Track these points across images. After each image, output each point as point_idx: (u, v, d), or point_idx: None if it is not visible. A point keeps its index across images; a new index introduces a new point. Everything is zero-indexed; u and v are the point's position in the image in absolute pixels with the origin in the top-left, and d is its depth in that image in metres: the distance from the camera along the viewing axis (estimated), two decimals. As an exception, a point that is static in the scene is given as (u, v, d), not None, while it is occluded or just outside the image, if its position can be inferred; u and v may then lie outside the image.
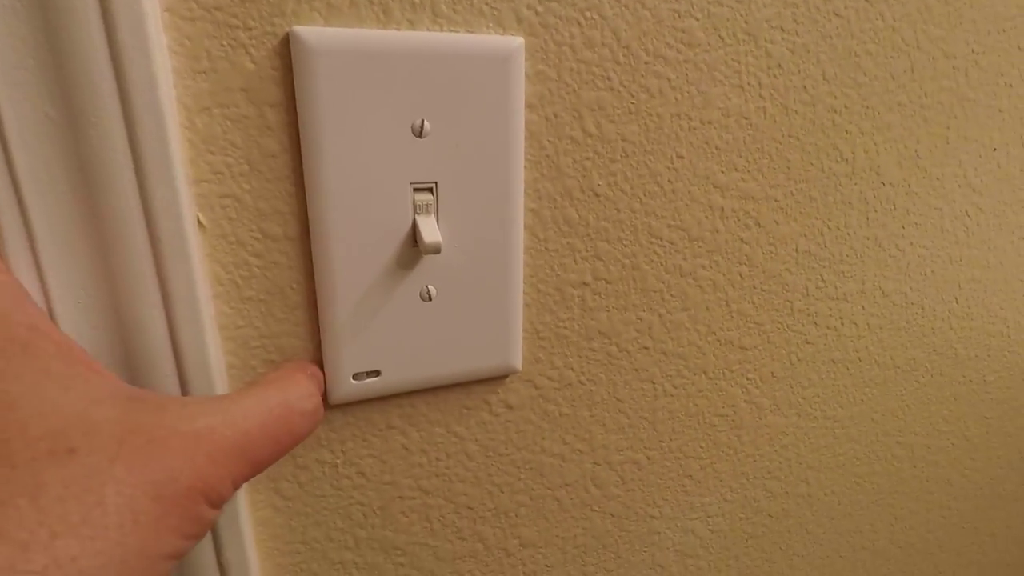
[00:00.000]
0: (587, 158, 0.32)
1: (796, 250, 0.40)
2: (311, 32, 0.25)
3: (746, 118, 0.35)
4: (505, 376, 0.35)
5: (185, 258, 0.25)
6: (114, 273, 0.24)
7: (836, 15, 0.36)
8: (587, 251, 0.34)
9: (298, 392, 0.25)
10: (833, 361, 0.46)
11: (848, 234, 0.42)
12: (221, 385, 0.28)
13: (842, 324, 0.45)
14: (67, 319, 0.24)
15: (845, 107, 0.38)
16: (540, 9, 0.29)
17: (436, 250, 0.28)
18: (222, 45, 0.24)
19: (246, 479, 0.22)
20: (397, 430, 0.34)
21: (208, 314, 0.27)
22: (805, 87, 0.36)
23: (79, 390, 0.20)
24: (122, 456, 0.19)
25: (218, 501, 0.21)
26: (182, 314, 0.26)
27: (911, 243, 0.45)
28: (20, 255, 0.23)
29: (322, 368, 0.30)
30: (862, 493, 0.53)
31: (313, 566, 0.35)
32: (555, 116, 0.31)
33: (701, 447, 0.43)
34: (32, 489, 0.18)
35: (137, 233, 0.24)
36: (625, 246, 0.35)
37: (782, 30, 0.34)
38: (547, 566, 0.41)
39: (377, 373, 0.31)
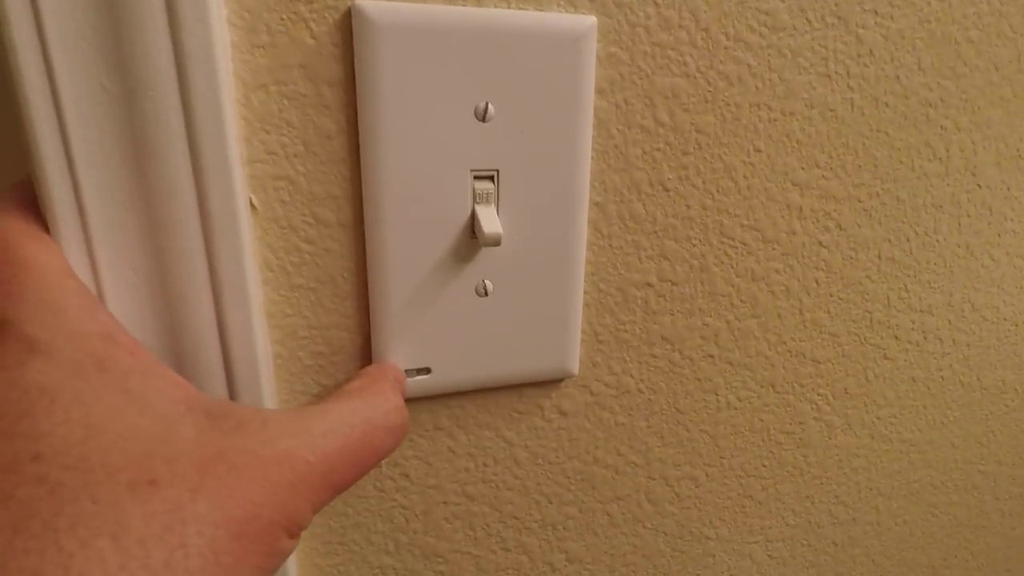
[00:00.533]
0: (658, 149, 0.30)
1: (879, 256, 0.37)
2: (374, 6, 0.24)
3: (831, 110, 0.33)
4: (560, 380, 0.33)
5: (236, 240, 0.24)
6: (163, 253, 0.23)
7: None
8: (653, 250, 0.32)
9: (383, 406, 0.24)
10: (913, 379, 0.42)
11: (937, 240, 0.38)
12: (267, 376, 0.27)
13: (925, 339, 0.41)
14: (115, 300, 0.23)
15: (941, 100, 0.35)
16: (615, -13, 0.27)
17: (496, 242, 0.26)
18: (282, 19, 0.23)
19: (326, 504, 0.21)
20: (444, 432, 0.32)
21: (257, 300, 0.26)
22: (898, 77, 0.33)
23: (157, 408, 0.19)
24: (204, 488, 0.18)
25: (297, 531, 0.20)
26: (230, 299, 0.25)
27: (1007, 253, 0.41)
28: (71, 231, 0.22)
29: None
30: (937, 525, 0.48)
31: (351, 569, 0.33)
32: (626, 103, 0.29)
33: (764, 466, 0.40)
34: (114, 528, 0.16)
35: (188, 211, 0.23)
36: (694, 246, 0.33)
37: (876, 13, 0.31)
38: (595, 583, 0.39)
39: (428, 371, 0.29)
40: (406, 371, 0.29)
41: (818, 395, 0.40)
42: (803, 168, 0.33)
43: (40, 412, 0.17)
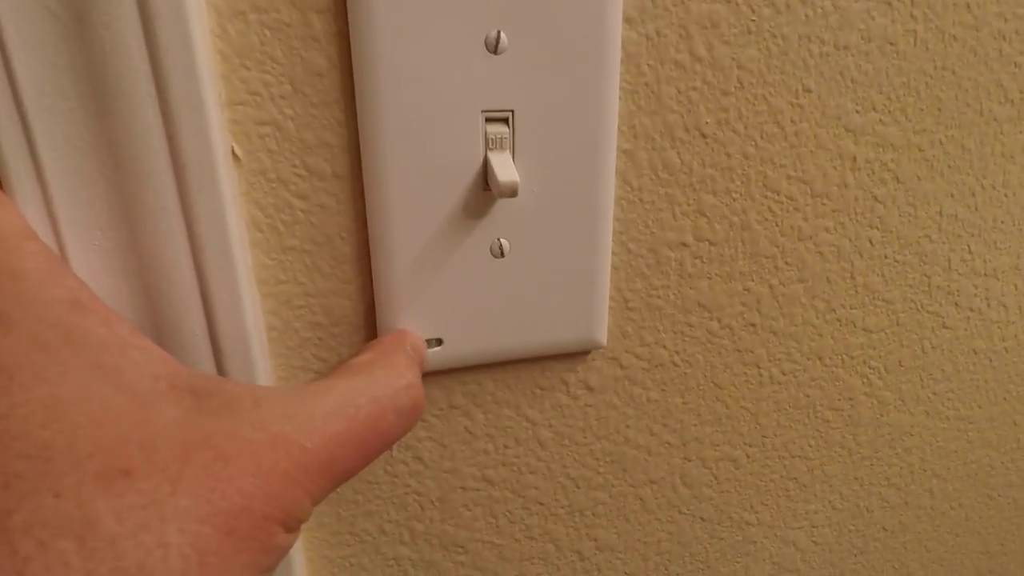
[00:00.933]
0: (694, 88, 0.27)
1: (940, 213, 0.33)
2: (366, -85, 0.20)
3: (891, 43, 0.29)
4: (586, 352, 0.30)
5: (216, 194, 0.21)
6: (133, 210, 0.21)
7: (1013, -87, 0.28)
8: (689, 205, 0.28)
9: (394, 383, 0.21)
10: (974, 351, 0.38)
11: (1006, 196, 0.34)
12: (260, 351, 0.24)
13: (988, 306, 0.37)
14: (81, 263, 0.21)
15: (1016, 33, 0.31)
16: None
17: (512, 192, 0.23)
18: (259, -69, 0.20)
19: (327, 494, 0.18)
20: (460, 410, 0.29)
21: (244, 263, 0.23)
22: (968, 5, 0.29)
23: (134, 386, 0.17)
24: (186, 478, 0.15)
25: (295, 525, 0.17)
26: (213, 262, 0.22)
27: (1083, 208, 0.37)
28: (25, 186, 0.19)
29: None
30: (995, 509, 0.45)
31: (364, 560, 0.31)
32: (658, 34, 0.25)
33: (810, 445, 0.37)
34: (79, 526, 0.14)
35: (160, 161, 0.20)
36: (734, 200, 0.29)
37: (945, -71, 0.27)
38: (626, 573, 0.36)
39: (439, 342, 0.26)
40: (415, 343, 0.26)
41: (869, 368, 0.36)
42: (858, 111, 0.29)
43: None
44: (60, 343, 0.16)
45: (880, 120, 0.30)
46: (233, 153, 0.22)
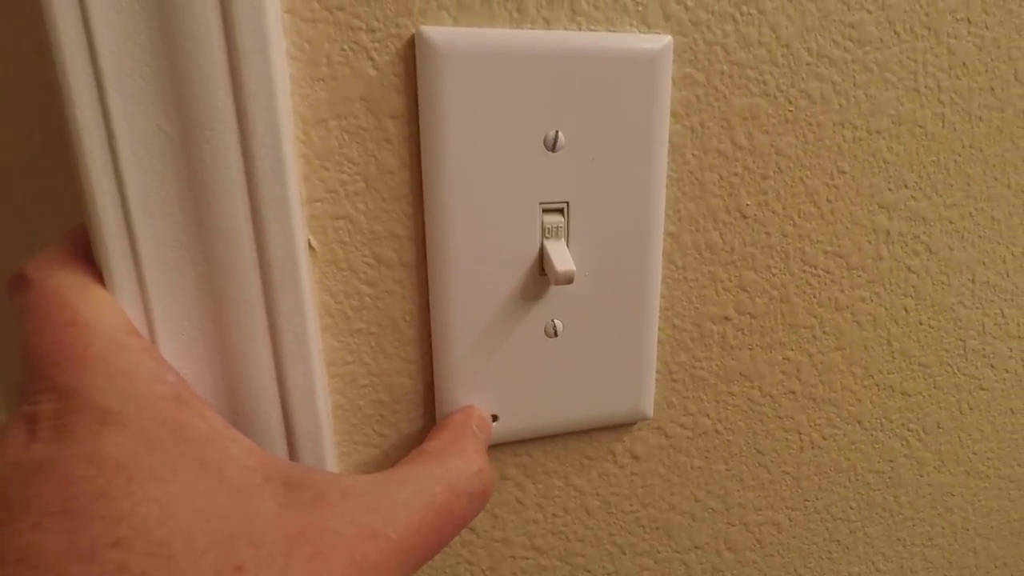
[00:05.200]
0: (735, 174, 0.28)
1: (972, 280, 0.34)
2: (439, 32, 0.22)
3: (920, 126, 0.30)
4: (633, 423, 0.31)
5: (296, 287, 0.22)
6: (220, 302, 0.22)
7: (1030, 3, 0.30)
8: (730, 281, 0.30)
9: (466, 469, 0.22)
10: (1011, 411, 0.39)
11: (1036, 262, 0.35)
12: (327, 428, 0.25)
13: None
14: (170, 351, 0.22)
15: (1039, 112, 0.32)
16: (691, 3, 0.25)
17: (569, 280, 0.24)
18: (343, 49, 0.22)
19: None
20: (512, 481, 0.30)
21: (316, 349, 0.24)
22: (992, 89, 0.31)
23: (234, 480, 0.18)
24: (291, 572, 0.16)
25: None
26: (290, 350, 0.23)
27: (1112, 273, 0.37)
28: (125, 280, 0.21)
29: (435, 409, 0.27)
30: (1038, 568, 0.44)
31: (414, 629, 0.31)
32: (701, 126, 0.27)
33: (851, 508, 0.37)
34: None
35: (247, 257, 0.22)
36: (774, 275, 0.30)
37: (969, 23, 0.29)
38: (670, 640, 0.36)
39: (495, 418, 0.27)
40: (472, 419, 0.27)
41: (908, 430, 0.37)
42: (890, 189, 0.31)
43: (117, 491, 0.16)
44: (169, 440, 0.17)
45: (912, 196, 0.31)
46: (310, 245, 0.24)
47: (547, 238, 0.25)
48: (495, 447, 0.29)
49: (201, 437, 0.18)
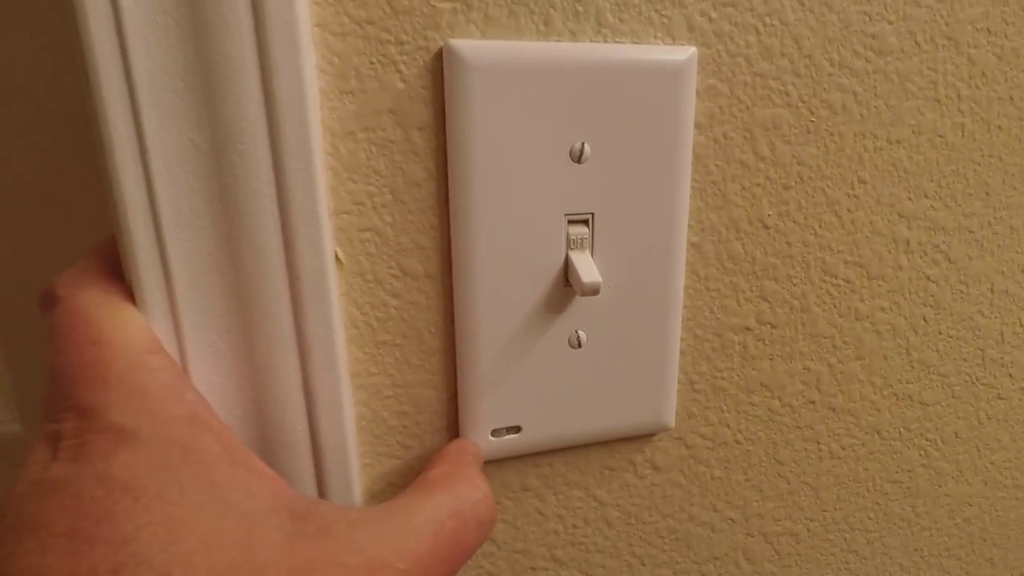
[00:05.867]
0: (757, 184, 0.28)
1: (991, 289, 0.34)
2: (467, 45, 0.22)
3: (941, 136, 0.30)
4: (654, 434, 0.30)
5: (324, 299, 0.22)
6: (249, 314, 0.22)
7: (1049, 14, 0.30)
8: (752, 291, 0.30)
9: (472, 496, 0.22)
10: (1029, 421, 0.38)
11: (1054, 271, 0.35)
12: (352, 439, 0.25)
13: (1041, 377, 0.38)
14: (197, 363, 0.22)
15: (1058, 121, 0.32)
16: (714, 15, 0.25)
17: (595, 291, 0.24)
18: (372, 62, 0.22)
19: None
20: (532, 493, 0.30)
21: (343, 361, 0.24)
22: (1012, 99, 0.31)
23: (241, 507, 0.18)
24: None
25: None
26: (317, 362, 0.23)
27: None
28: (155, 294, 0.21)
29: (457, 423, 0.27)
30: (1055, 578, 0.44)
31: (434, 641, 0.31)
32: (724, 137, 0.27)
33: (869, 518, 0.37)
34: None
35: (276, 271, 0.22)
36: (795, 285, 0.30)
37: (989, 32, 0.29)
38: (689, 652, 0.36)
39: (518, 429, 0.27)
40: (495, 430, 0.27)
41: (927, 440, 0.36)
42: (910, 199, 0.31)
43: (122, 513, 0.16)
44: (180, 461, 0.17)
45: (931, 206, 0.31)
46: (337, 258, 0.24)
47: (572, 249, 0.25)
48: (516, 459, 0.29)
49: (212, 459, 0.18)
